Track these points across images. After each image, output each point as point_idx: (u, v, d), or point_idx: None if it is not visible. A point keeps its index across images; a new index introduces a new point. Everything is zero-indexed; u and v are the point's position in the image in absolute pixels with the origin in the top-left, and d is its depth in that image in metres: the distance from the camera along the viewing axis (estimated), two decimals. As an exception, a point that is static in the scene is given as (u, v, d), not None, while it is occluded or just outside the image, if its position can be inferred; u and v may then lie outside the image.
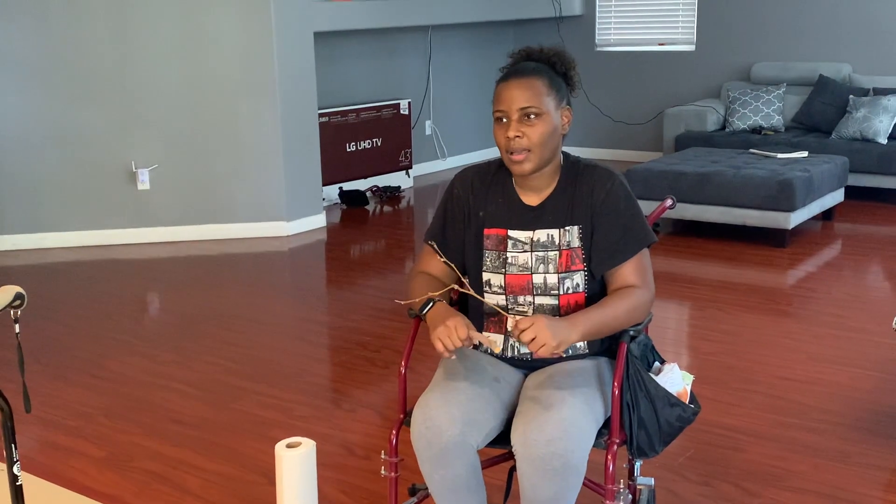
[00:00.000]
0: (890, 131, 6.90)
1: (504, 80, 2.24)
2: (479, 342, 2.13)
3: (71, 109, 5.98)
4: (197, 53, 6.04)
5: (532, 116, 2.20)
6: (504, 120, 2.22)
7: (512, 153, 2.21)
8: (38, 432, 3.44)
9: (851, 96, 7.17)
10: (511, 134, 2.19)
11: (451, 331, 2.11)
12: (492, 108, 2.27)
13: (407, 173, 7.97)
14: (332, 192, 7.31)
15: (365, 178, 7.59)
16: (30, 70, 5.88)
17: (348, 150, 7.40)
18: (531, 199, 2.31)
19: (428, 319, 2.20)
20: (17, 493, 1.91)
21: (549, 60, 2.29)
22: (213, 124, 6.15)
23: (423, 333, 2.29)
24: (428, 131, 8.54)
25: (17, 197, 6.02)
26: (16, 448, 1.88)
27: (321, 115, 7.02)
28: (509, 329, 2.08)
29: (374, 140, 7.61)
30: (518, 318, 2.08)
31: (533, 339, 2.04)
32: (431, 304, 2.21)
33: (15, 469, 1.88)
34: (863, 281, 5.08)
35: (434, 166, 8.65)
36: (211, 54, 6.05)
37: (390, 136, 7.75)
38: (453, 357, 2.15)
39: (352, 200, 7.27)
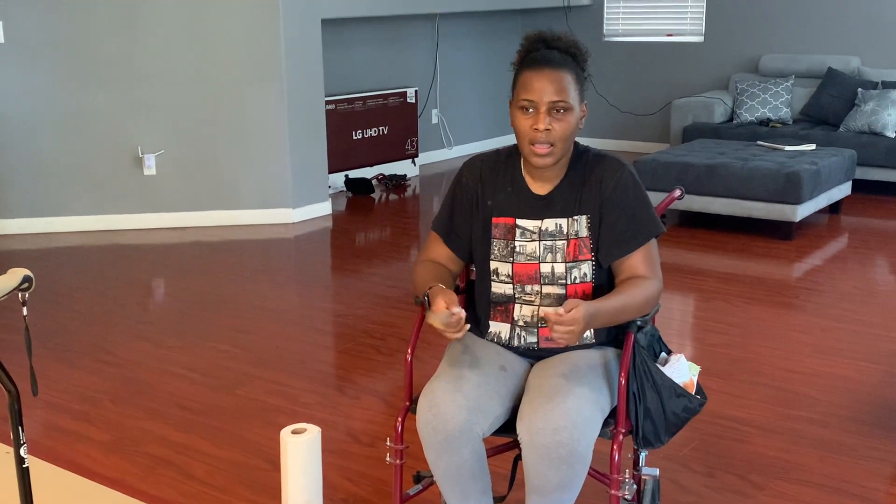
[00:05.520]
0: (898, 125, 6.88)
1: (533, 69, 2.18)
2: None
3: (78, 93, 5.97)
4: (204, 39, 6.03)
5: (561, 111, 2.17)
6: (531, 110, 2.18)
7: (535, 144, 2.19)
8: (44, 416, 3.45)
9: (860, 89, 7.14)
10: (541, 126, 2.16)
11: (438, 316, 2.09)
12: (511, 95, 2.24)
13: (413, 162, 7.96)
14: (338, 179, 7.31)
15: (371, 165, 7.58)
16: (37, 53, 5.87)
17: (354, 137, 7.39)
18: (540, 188, 2.30)
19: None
20: (24, 475, 1.91)
21: (569, 52, 2.23)
22: (219, 110, 6.14)
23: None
24: (434, 120, 8.52)
25: (24, 181, 6.02)
26: (23, 431, 1.88)
27: (328, 103, 7.01)
28: (558, 316, 2.00)
29: (381, 128, 7.60)
30: (562, 312, 2.01)
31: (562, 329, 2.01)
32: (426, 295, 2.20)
33: (22, 451, 1.88)
34: (869, 274, 5.07)
35: (440, 155, 8.64)
36: (218, 40, 6.04)
37: (397, 125, 7.74)
38: (462, 332, 2.10)
39: (357, 188, 7.26)
